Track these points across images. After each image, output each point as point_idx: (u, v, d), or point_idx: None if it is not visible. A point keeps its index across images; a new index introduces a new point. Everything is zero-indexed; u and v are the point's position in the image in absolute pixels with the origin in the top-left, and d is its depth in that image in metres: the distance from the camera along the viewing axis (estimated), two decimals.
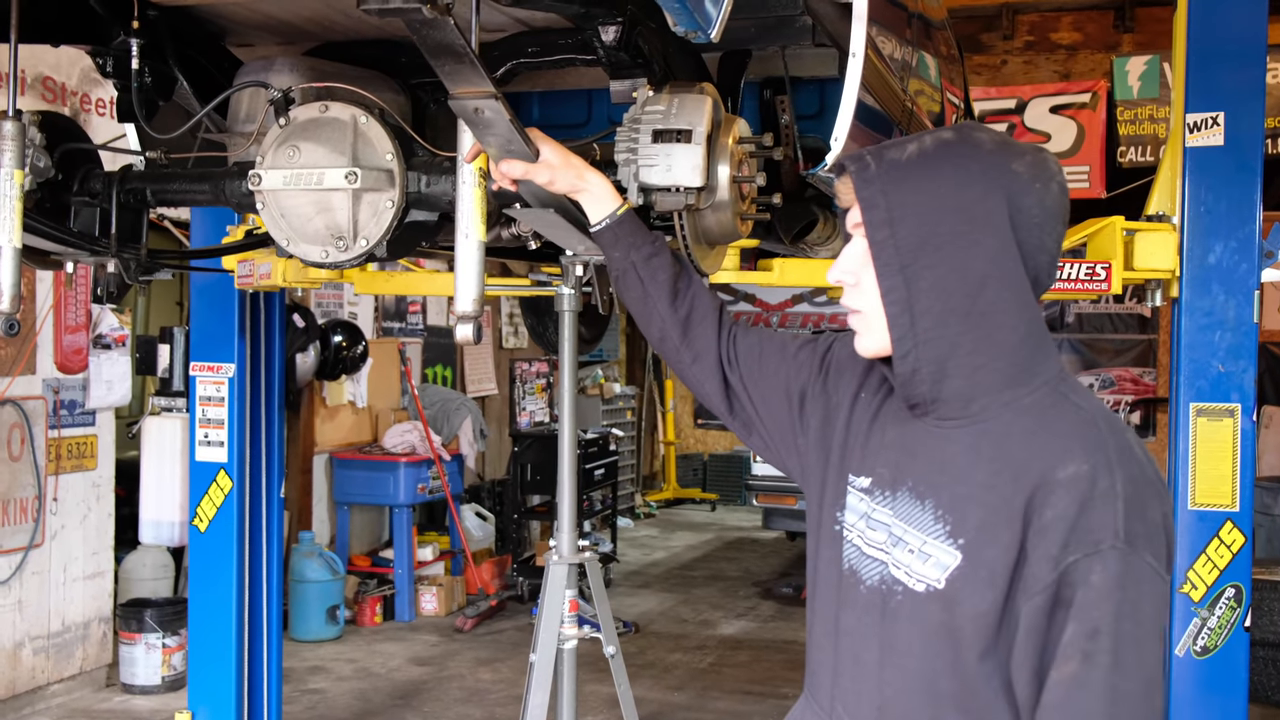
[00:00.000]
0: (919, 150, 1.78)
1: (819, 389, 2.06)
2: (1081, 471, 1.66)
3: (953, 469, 1.77)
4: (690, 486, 15.22)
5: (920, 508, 1.79)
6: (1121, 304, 13.28)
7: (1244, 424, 3.99)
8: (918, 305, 1.75)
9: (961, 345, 1.75)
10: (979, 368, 1.76)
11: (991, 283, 1.74)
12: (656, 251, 2.25)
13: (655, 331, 2.27)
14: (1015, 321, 1.75)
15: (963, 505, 1.74)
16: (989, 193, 1.74)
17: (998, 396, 1.76)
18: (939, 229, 1.74)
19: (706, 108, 2.51)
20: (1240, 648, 3.99)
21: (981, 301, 1.74)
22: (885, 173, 1.77)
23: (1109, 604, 1.61)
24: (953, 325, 1.75)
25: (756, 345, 2.19)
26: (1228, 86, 3.97)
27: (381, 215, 2.72)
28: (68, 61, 6.63)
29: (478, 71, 2.12)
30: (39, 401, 6.63)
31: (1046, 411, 1.75)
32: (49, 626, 6.71)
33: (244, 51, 3.29)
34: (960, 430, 1.78)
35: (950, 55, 4.59)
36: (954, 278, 1.74)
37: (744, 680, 7.48)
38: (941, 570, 1.73)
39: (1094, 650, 1.61)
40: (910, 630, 1.77)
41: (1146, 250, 4.03)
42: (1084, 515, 1.63)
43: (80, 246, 3.07)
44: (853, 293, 1.86)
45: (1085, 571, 1.62)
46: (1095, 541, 1.62)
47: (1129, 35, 11.49)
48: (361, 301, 9.54)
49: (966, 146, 1.79)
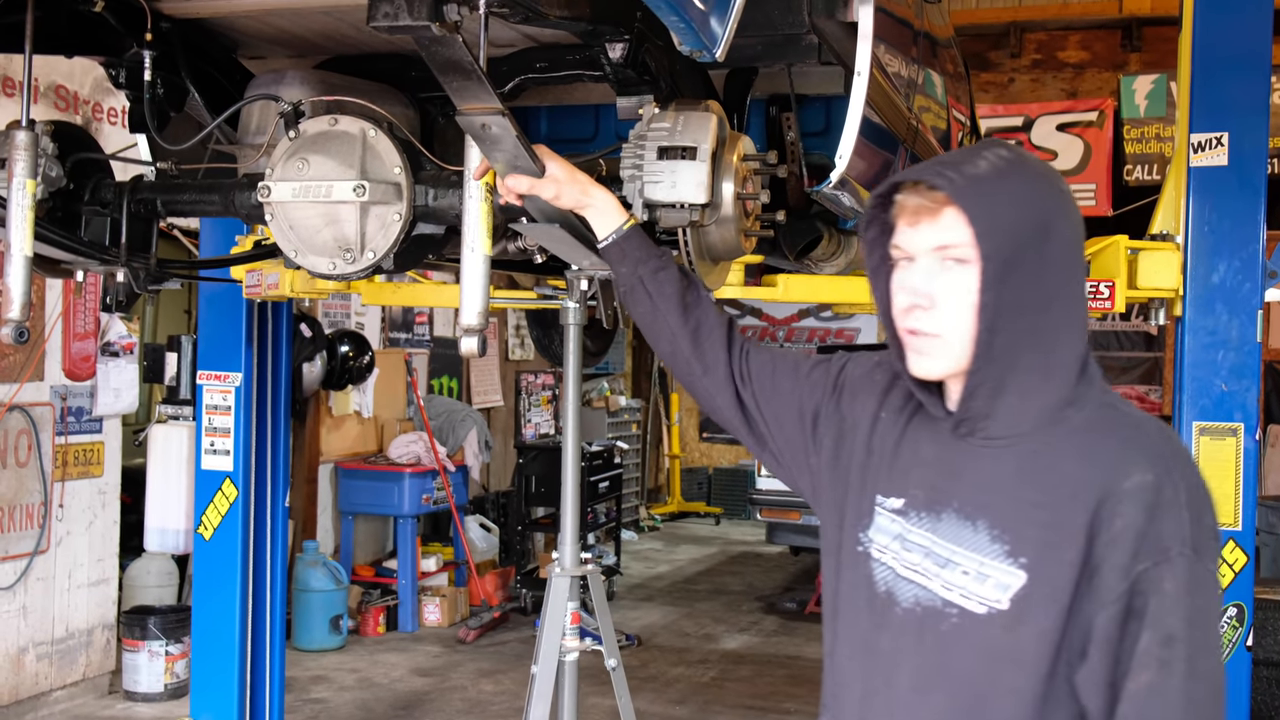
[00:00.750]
0: (991, 166, 1.77)
1: (832, 408, 2.05)
2: (1147, 481, 1.67)
3: (1004, 489, 1.77)
4: (695, 500, 15.21)
5: (972, 529, 1.77)
6: (1128, 322, 13.27)
7: (1247, 443, 4.00)
8: (999, 321, 1.74)
9: (1021, 363, 1.75)
10: (1033, 387, 1.76)
11: (1058, 301, 1.76)
12: (664, 265, 2.25)
13: (665, 345, 2.26)
14: (1073, 342, 1.78)
15: (1019, 525, 1.73)
16: (1060, 212, 1.77)
17: (1051, 415, 1.77)
18: (1025, 245, 1.73)
19: (711, 125, 2.53)
20: (1242, 667, 3.98)
21: (1046, 320, 1.75)
22: (976, 185, 1.75)
23: (1181, 611, 1.63)
24: (1021, 342, 1.75)
25: (769, 363, 2.18)
26: (1232, 107, 3.99)
27: (389, 228, 2.74)
28: (80, 71, 6.67)
29: (485, 88, 2.13)
30: (46, 408, 6.65)
31: (1099, 426, 1.76)
32: (53, 632, 6.73)
33: (255, 64, 3.32)
34: (1009, 450, 1.78)
35: (956, 73, 4.61)
36: (1031, 295, 1.74)
37: (746, 695, 7.48)
38: (1003, 591, 1.72)
39: (1170, 658, 1.62)
40: (968, 654, 1.75)
41: (1150, 269, 4.04)
42: (1152, 524, 1.65)
43: (90, 255, 3.09)
44: (926, 316, 1.79)
45: (1156, 580, 1.64)
46: (1164, 549, 1.64)
47: (1136, 54, 11.50)
48: (368, 312, 9.56)
49: (1029, 165, 1.81)
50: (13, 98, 6.24)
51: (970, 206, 1.72)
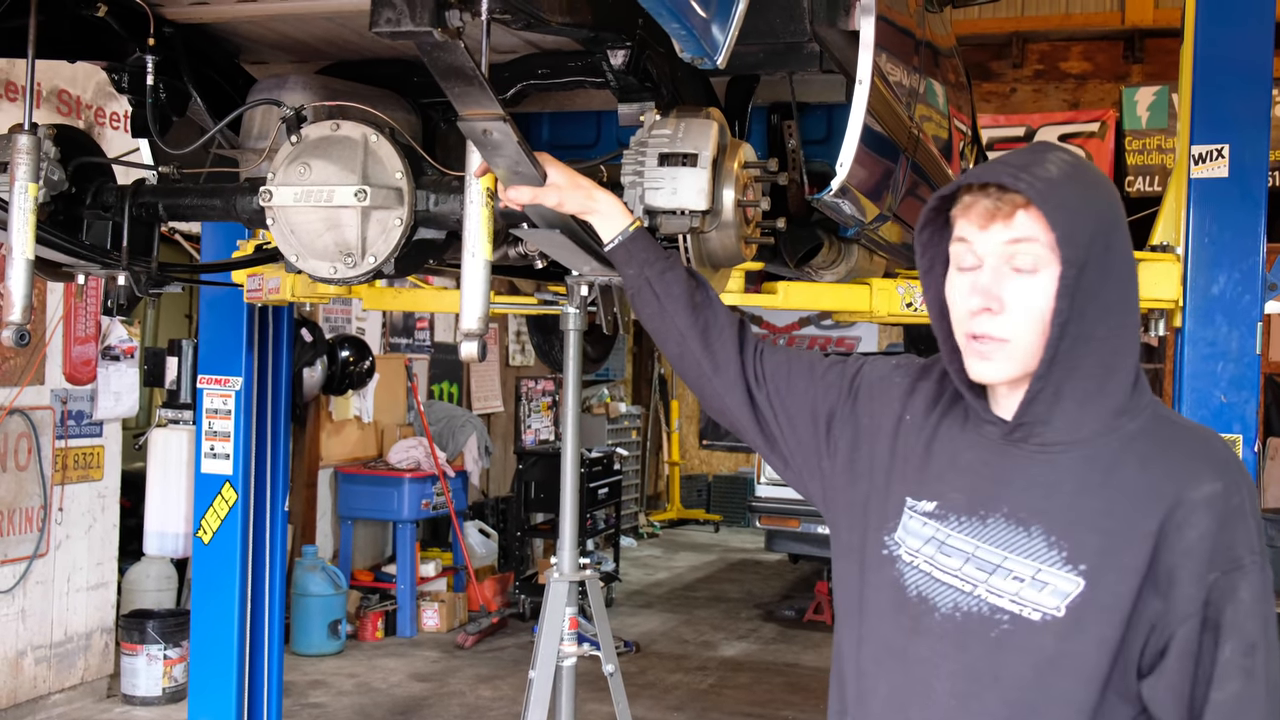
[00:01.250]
0: (1061, 171, 1.75)
1: (848, 411, 2.03)
2: (1217, 490, 1.68)
3: (1061, 495, 1.75)
4: (694, 507, 15.21)
5: (1025, 534, 1.75)
6: None
7: (1245, 455, 4.00)
8: (1070, 326, 1.72)
9: (1080, 369, 1.74)
10: (1091, 393, 1.75)
11: (1118, 308, 1.75)
12: (670, 266, 2.23)
13: (674, 346, 2.22)
14: (1129, 350, 1.77)
15: (1078, 532, 1.72)
16: (1121, 218, 1.78)
17: (1107, 422, 1.76)
18: (1095, 252, 1.72)
19: (712, 132, 2.53)
20: None
21: (1106, 327, 1.74)
22: (1054, 190, 1.72)
23: (1258, 619, 1.66)
24: (1082, 349, 1.74)
25: (785, 364, 2.14)
26: (1233, 119, 3.99)
27: (390, 233, 2.74)
28: (83, 75, 6.68)
29: (487, 94, 2.14)
30: (47, 412, 6.65)
31: (1157, 435, 1.76)
32: (51, 636, 6.72)
33: (258, 69, 3.32)
34: (1065, 455, 1.76)
35: (958, 83, 4.62)
36: (1095, 302, 1.73)
37: (744, 702, 7.47)
38: (1061, 598, 1.71)
39: (1253, 666, 1.65)
40: (1020, 661, 1.73)
41: (1150, 280, 4.04)
42: (1224, 532, 1.66)
43: (92, 259, 3.09)
44: (995, 320, 1.76)
45: (1231, 589, 1.65)
46: (1237, 558, 1.66)
47: (1138, 66, 11.53)
48: (369, 317, 9.56)
49: (1092, 170, 1.81)
50: (15, 102, 6.25)
51: (1051, 210, 1.70)
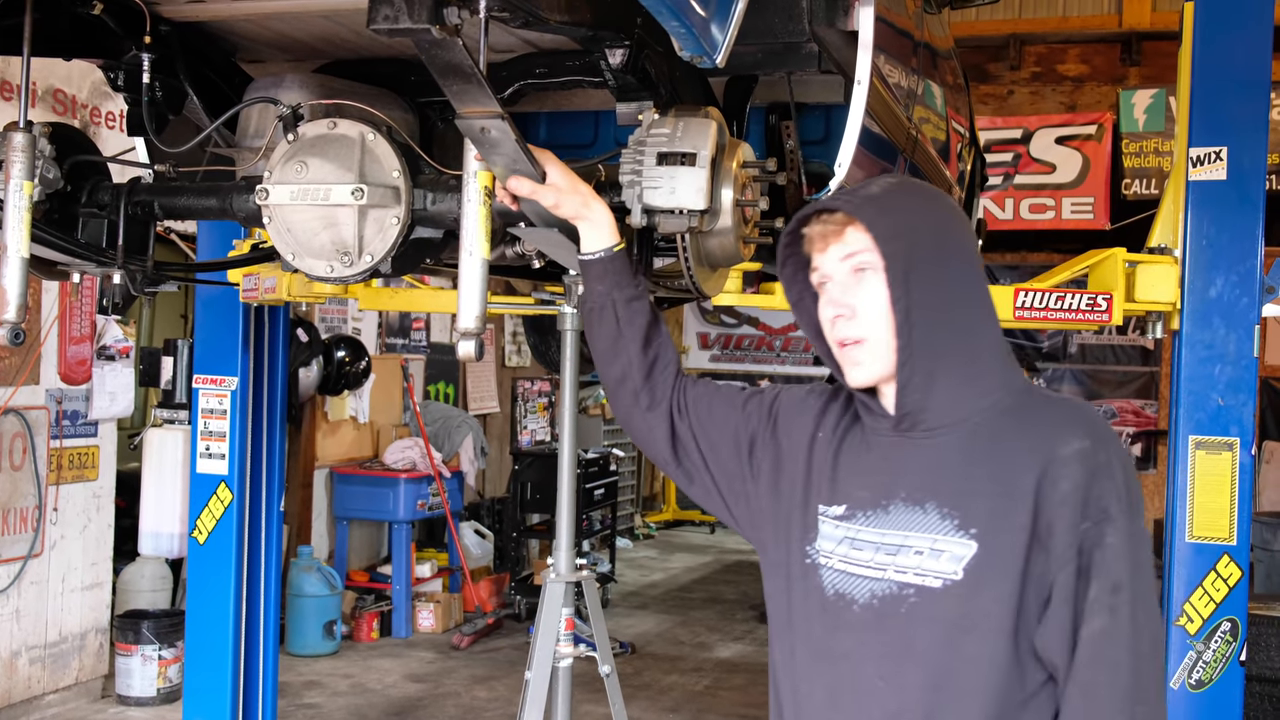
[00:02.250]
0: (881, 188, 1.98)
1: (769, 436, 2.15)
2: (1085, 446, 1.82)
3: (949, 470, 1.90)
4: (690, 508, 15.18)
5: (921, 512, 1.89)
6: (1124, 335, 13.27)
7: (1243, 457, 4.00)
8: (914, 314, 1.89)
9: (947, 353, 1.90)
10: (964, 375, 1.91)
11: (965, 297, 1.93)
12: (638, 295, 2.29)
13: (617, 371, 2.30)
14: (990, 332, 1.94)
15: (967, 500, 1.86)
16: (952, 219, 1.99)
17: (980, 402, 1.91)
18: (923, 247, 1.91)
19: (711, 131, 2.52)
20: (1235, 682, 3.98)
21: (960, 313, 1.92)
22: (870, 200, 1.94)
23: (1125, 562, 1.79)
24: (940, 335, 1.90)
25: (705, 396, 2.26)
26: (1231, 121, 3.99)
27: (387, 232, 2.73)
28: (79, 74, 6.67)
29: (485, 92, 2.13)
30: (42, 411, 6.64)
31: (1029, 407, 1.91)
32: (46, 636, 6.71)
33: (254, 68, 3.31)
34: (948, 435, 1.91)
35: (956, 84, 4.61)
36: (938, 292, 1.90)
37: (739, 703, 7.47)
38: (958, 562, 1.84)
39: (1117, 604, 1.78)
40: (930, 629, 1.85)
41: (1148, 282, 4.04)
42: (1094, 484, 1.81)
43: (87, 257, 3.07)
44: (850, 324, 1.95)
45: (1100, 536, 1.79)
46: (1104, 508, 1.80)
47: (1136, 68, 11.52)
48: (365, 317, 9.55)
49: (916, 184, 2.06)
50: (11, 100, 6.24)
51: (868, 217, 1.91)
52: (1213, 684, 3.98)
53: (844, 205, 1.93)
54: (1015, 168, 11.45)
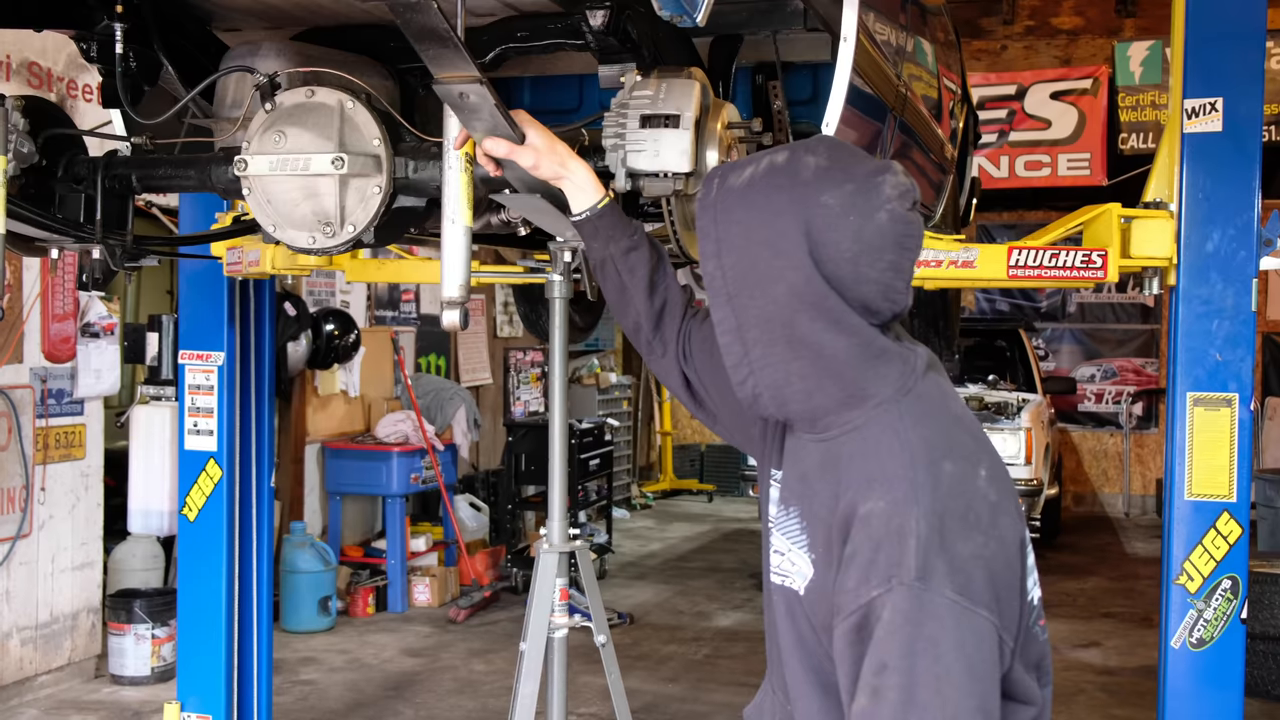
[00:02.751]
0: (751, 176, 1.79)
1: None
2: (878, 509, 1.65)
3: (808, 482, 1.82)
4: (687, 477, 15.20)
5: (788, 514, 1.85)
6: (1124, 294, 13.26)
7: (1241, 414, 3.96)
8: (748, 335, 1.77)
9: (793, 371, 1.76)
10: (813, 391, 1.76)
11: (802, 314, 1.72)
12: (635, 245, 2.26)
13: (630, 323, 2.31)
14: (838, 347, 1.73)
15: (814, 520, 1.78)
16: (791, 227, 1.72)
17: (837, 417, 1.77)
18: (755, 261, 1.75)
19: (694, 93, 2.48)
20: (1237, 640, 3.96)
21: (799, 330, 1.73)
22: (719, 200, 1.80)
23: (898, 640, 1.59)
24: (780, 352, 1.75)
25: (708, 339, 2.19)
26: (1227, 71, 3.93)
27: (369, 201, 2.70)
28: (54, 47, 6.58)
29: (462, 56, 2.09)
30: (26, 391, 6.58)
31: (871, 440, 1.74)
32: (37, 617, 6.68)
33: (230, 36, 3.25)
34: (816, 444, 1.81)
35: (947, 40, 4.56)
36: (772, 308, 1.74)
37: (739, 672, 7.46)
38: (803, 579, 1.79)
39: (881, 686, 1.59)
40: (790, 626, 1.84)
41: (1143, 238, 3.99)
42: (878, 552, 1.62)
43: (65, 233, 3.04)
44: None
45: (879, 608, 1.60)
46: (887, 578, 1.61)
47: (1131, 20, 11.44)
48: (354, 290, 9.50)
49: (786, 175, 1.77)
50: None
51: (704, 224, 1.80)
52: (1214, 642, 3.95)
53: (699, 199, 1.83)
54: (1010, 124, 11.40)
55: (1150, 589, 9.44)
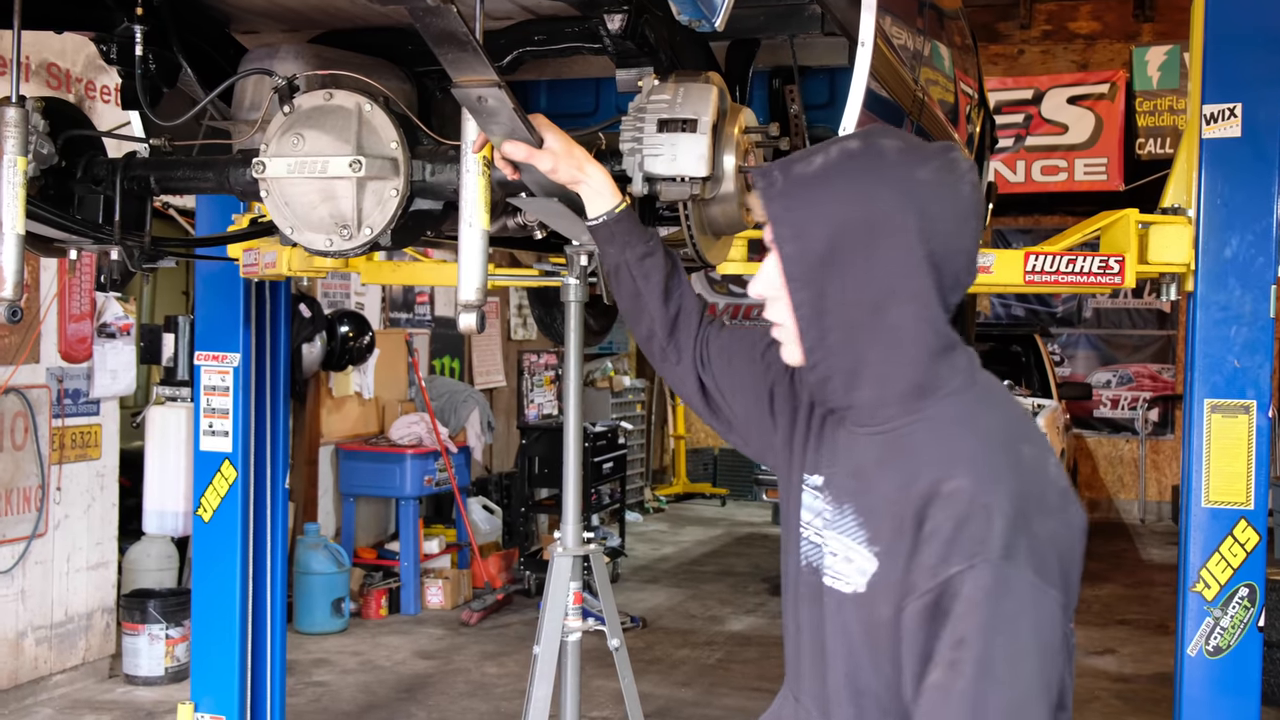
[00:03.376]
0: (824, 163, 1.79)
1: (787, 386, 2.10)
2: (963, 486, 1.68)
3: (865, 475, 1.82)
4: (700, 481, 15.17)
5: (841, 512, 1.84)
6: (1140, 299, 13.20)
7: (1259, 420, 3.95)
8: (827, 319, 1.78)
9: (869, 357, 1.78)
10: (887, 378, 1.78)
11: (896, 296, 1.76)
12: (650, 251, 2.27)
13: (644, 330, 2.32)
14: (922, 333, 1.78)
15: (876, 512, 1.78)
16: (897, 204, 1.74)
17: (906, 405, 1.79)
18: (844, 243, 1.75)
19: (712, 97, 2.48)
20: (1253, 648, 3.94)
21: (887, 315, 1.76)
22: (790, 188, 1.79)
23: (978, 616, 1.62)
24: (861, 338, 1.77)
25: (726, 347, 2.23)
26: (1246, 77, 3.91)
27: (386, 204, 2.70)
28: (73, 48, 6.61)
29: (481, 59, 2.10)
30: (43, 390, 6.60)
31: (946, 425, 1.77)
32: (52, 616, 6.70)
33: (249, 39, 3.27)
34: (872, 437, 1.82)
35: (964, 45, 4.55)
36: (859, 292, 1.75)
37: (752, 676, 7.45)
38: (863, 576, 1.78)
39: (958, 659, 1.62)
40: (838, 630, 1.84)
41: (1161, 243, 3.98)
42: (961, 530, 1.65)
43: (84, 234, 3.05)
44: (772, 306, 1.87)
45: (959, 584, 1.63)
46: (971, 555, 1.64)
47: (1149, 24, 11.39)
48: (369, 292, 9.51)
49: (870, 157, 1.79)
50: (4, 75, 6.18)
51: (774, 211, 1.79)
52: (1230, 650, 3.93)
53: (763, 189, 1.81)
54: (1026, 129, 11.36)
55: (1166, 596, 9.40)
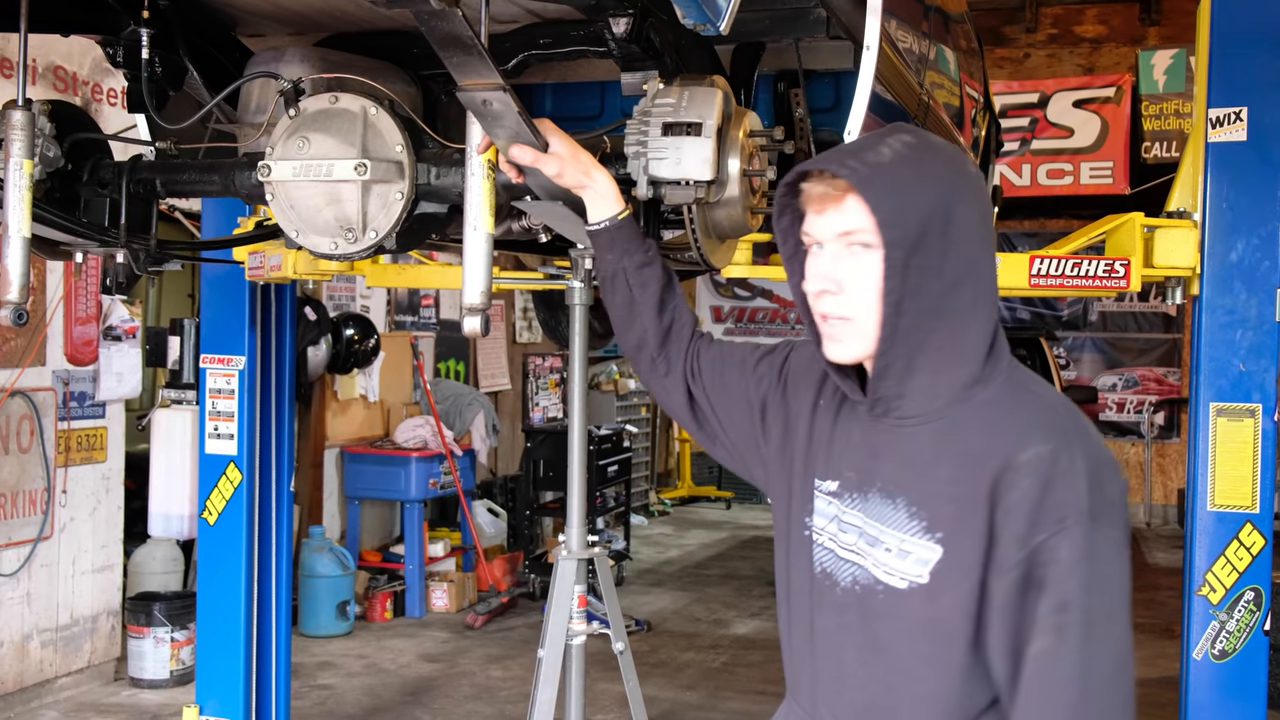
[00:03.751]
0: (894, 153, 1.81)
1: (779, 399, 2.11)
2: (1043, 452, 1.72)
3: (918, 466, 1.83)
4: (705, 484, 15.16)
5: (893, 507, 1.84)
6: (1146, 303, 13.18)
7: (1265, 424, 3.95)
8: (904, 304, 1.79)
9: (930, 343, 1.81)
10: (943, 366, 1.82)
11: (965, 283, 1.81)
12: (649, 261, 2.28)
13: (634, 338, 2.31)
14: (982, 320, 1.83)
15: (934, 500, 1.80)
16: (964, 192, 1.82)
17: (960, 393, 1.82)
18: (927, 229, 1.78)
19: (717, 101, 2.48)
20: (1260, 652, 3.94)
21: (953, 301, 1.80)
22: (878, 173, 1.79)
23: (1077, 578, 1.67)
24: (927, 323, 1.80)
25: (718, 359, 2.24)
26: (1252, 81, 3.92)
27: (391, 207, 2.70)
28: (79, 51, 6.62)
29: (486, 63, 2.10)
30: (49, 393, 6.61)
31: (1005, 402, 1.81)
32: (57, 619, 6.70)
33: (255, 42, 3.27)
34: (921, 428, 1.84)
35: (970, 49, 4.55)
36: (935, 278, 1.79)
37: (757, 680, 7.44)
38: (924, 565, 1.79)
39: (1065, 623, 1.67)
40: (894, 627, 1.83)
41: (1167, 247, 3.98)
42: (1048, 494, 1.70)
43: (89, 237, 3.05)
44: (835, 299, 1.85)
45: (1054, 549, 1.68)
46: (1060, 519, 1.68)
47: (1155, 28, 11.37)
48: (374, 295, 9.51)
49: (933, 150, 1.86)
50: (10, 78, 6.19)
51: (871, 195, 1.77)
52: (1236, 654, 3.93)
53: (849, 175, 1.78)
54: (1032, 132, 11.35)
55: (1171, 600, 9.38)
